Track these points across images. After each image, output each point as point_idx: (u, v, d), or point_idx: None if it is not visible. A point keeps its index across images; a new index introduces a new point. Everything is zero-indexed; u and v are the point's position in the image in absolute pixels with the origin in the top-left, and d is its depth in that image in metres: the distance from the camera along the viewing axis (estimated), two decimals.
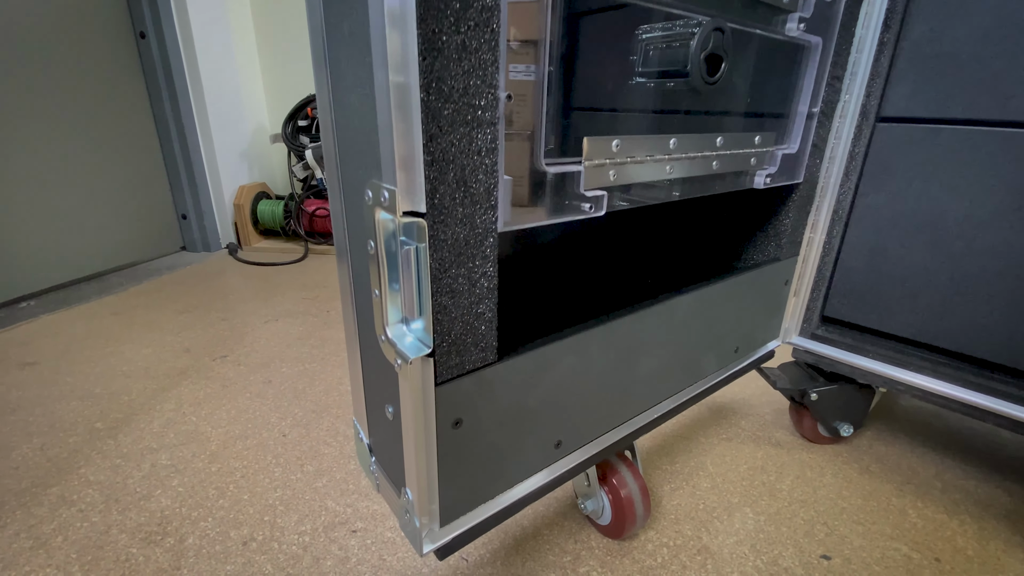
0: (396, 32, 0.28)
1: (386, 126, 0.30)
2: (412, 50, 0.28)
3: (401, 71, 0.29)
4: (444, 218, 0.33)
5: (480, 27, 0.30)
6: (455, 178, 0.33)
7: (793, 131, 0.64)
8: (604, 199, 0.43)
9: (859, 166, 0.71)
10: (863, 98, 0.68)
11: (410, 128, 0.30)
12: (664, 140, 0.47)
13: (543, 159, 0.38)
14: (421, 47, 0.29)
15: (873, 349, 0.75)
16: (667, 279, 0.65)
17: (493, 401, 0.42)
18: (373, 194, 0.34)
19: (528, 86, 0.37)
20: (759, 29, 0.53)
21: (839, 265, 0.76)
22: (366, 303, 0.41)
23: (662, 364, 0.59)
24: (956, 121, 0.64)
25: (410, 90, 0.29)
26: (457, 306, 0.37)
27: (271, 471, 0.77)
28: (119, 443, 0.83)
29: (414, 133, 0.30)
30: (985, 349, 0.67)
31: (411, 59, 0.29)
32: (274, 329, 1.25)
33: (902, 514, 0.72)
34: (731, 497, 0.74)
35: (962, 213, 0.65)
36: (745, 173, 0.59)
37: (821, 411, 0.81)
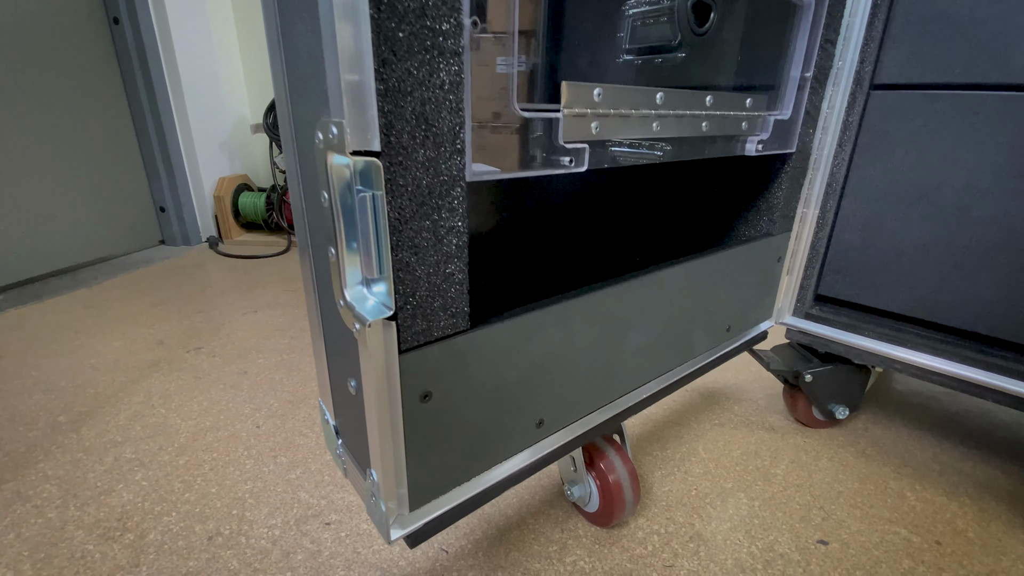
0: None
1: (331, 49, 0.26)
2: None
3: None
4: (402, 160, 0.30)
5: None
6: (414, 113, 0.29)
7: (785, 96, 0.61)
8: (586, 153, 0.40)
9: (853, 136, 0.68)
10: (856, 64, 0.66)
11: (359, 50, 0.26)
12: (650, 93, 0.44)
13: (516, 103, 0.34)
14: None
15: (869, 327, 0.72)
16: (656, 251, 0.62)
17: (466, 373, 0.39)
18: (323, 135, 0.30)
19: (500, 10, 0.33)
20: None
21: (833, 240, 0.74)
22: (324, 267, 0.37)
23: (651, 340, 0.56)
24: (953, 86, 0.61)
25: (358, 6, 0.26)
26: (422, 264, 0.33)
27: (242, 463, 0.73)
28: (81, 437, 0.79)
29: (363, 56, 0.26)
30: (984, 324, 0.64)
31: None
32: (252, 320, 1.21)
33: (900, 497, 0.69)
34: (724, 483, 0.71)
35: (961, 182, 0.62)
36: (736, 138, 0.56)
37: (816, 393, 0.78)
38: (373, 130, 0.28)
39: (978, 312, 0.64)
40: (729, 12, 0.50)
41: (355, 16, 0.26)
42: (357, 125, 0.27)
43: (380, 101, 0.28)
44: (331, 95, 0.28)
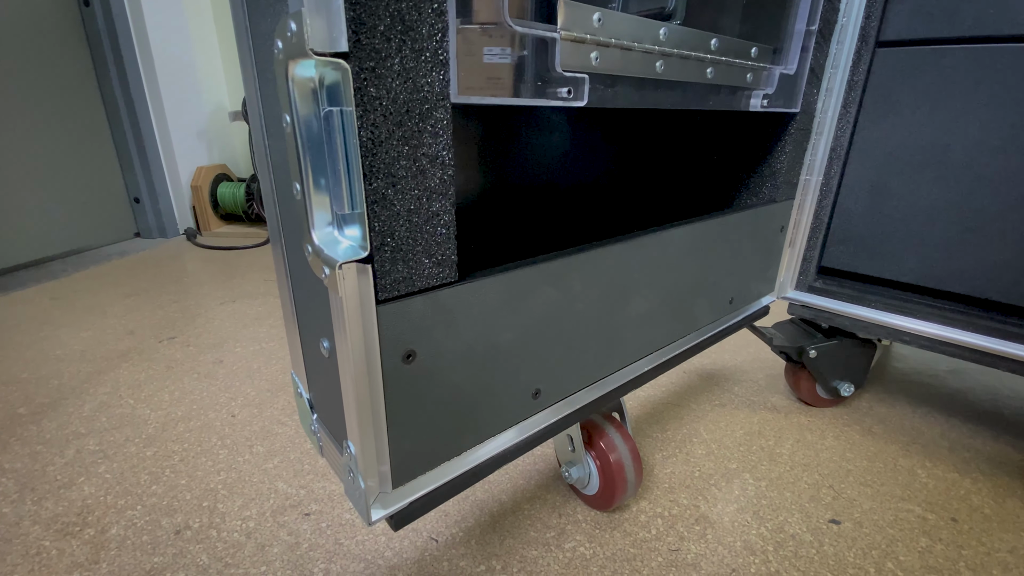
0: None
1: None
2: None
3: None
4: (375, 66, 0.25)
5: None
6: (388, 9, 0.25)
7: (791, 51, 0.58)
8: (585, 85, 0.36)
9: (858, 96, 0.65)
10: (862, 19, 0.62)
11: None
12: (654, 27, 0.40)
13: (507, 15, 0.30)
14: None
15: (875, 298, 0.69)
16: (658, 213, 0.58)
17: (455, 331, 0.35)
18: (282, 42, 0.26)
19: None
20: None
21: (837, 208, 0.70)
22: (291, 210, 0.33)
23: (653, 307, 0.52)
24: (964, 40, 0.58)
25: None
26: (401, 197, 0.29)
27: (215, 453, 0.68)
28: (42, 429, 0.73)
29: None
30: (997, 290, 0.61)
31: None
32: (230, 310, 1.15)
33: (911, 474, 0.66)
34: (729, 463, 0.68)
35: (972, 140, 0.59)
36: (741, 91, 0.52)
37: (821, 369, 0.75)
38: (340, 26, 0.24)
39: (991, 278, 0.61)
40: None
41: None
42: (320, 18, 0.23)
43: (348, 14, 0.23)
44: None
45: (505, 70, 0.31)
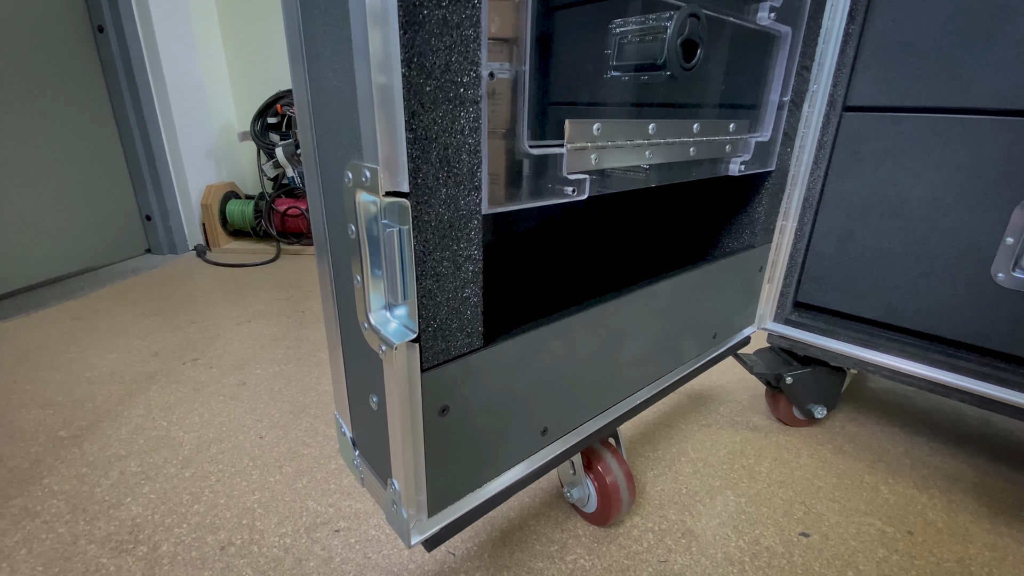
0: (376, 5, 0.27)
1: (367, 104, 0.29)
2: (393, 24, 0.28)
3: (382, 46, 0.28)
4: (428, 199, 0.33)
5: (462, 1, 0.30)
6: (438, 157, 0.32)
7: (765, 119, 0.65)
8: (587, 183, 0.43)
9: (828, 154, 0.73)
10: (830, 88, 0.70)
11: (392, 105, 0.29)
12: (643, 125, 0.47)
13: (526, 141, 0.37)
14: (402, 20, 0.28)
15: (844, 332, 0.77)
16: (647, 266, 0.65)
17: (480, 387, 0.42)
18: (353, 175, 0.33)
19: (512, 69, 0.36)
20: (732, 17, 0.54)
21: (810, 251, 0.78)
22: (347, 292, 0.40)
23: (644, 349, 0.60)
24: (918, 109, 0.66)
25: (392, 66, 0.28)
26: (442, 290, 0.36)
27: (248, 474, 0.75)
28: (84, 451, 0.80)
29: (396, 110, 0.29)
30: (949, 328, 0.69)
31: (392, 33, 0.28)
32: (247, 331, 1.22)
33: (875, 491, 0.74)
34: (712, 481, 0.75)
35: (926, 197, 0.67)
36: (721, 160, 0.60)
37: (796, 394, 0.83)
38: (403, 174, 0.31)
39: (943, 317, 0.69)
40: (714, 46, 0.54)
41: (388, 73, 0.29)
42: (389, 170, 0.30)
43: (409, 148, 0.31)
44: (365, 142, 0.31)
45: (520, 179, 0.39)
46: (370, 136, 0.30)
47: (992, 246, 0.64)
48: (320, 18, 0.32)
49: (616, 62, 0.45)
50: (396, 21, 0.28)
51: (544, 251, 0.81)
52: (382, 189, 0.31)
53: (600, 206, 0.87)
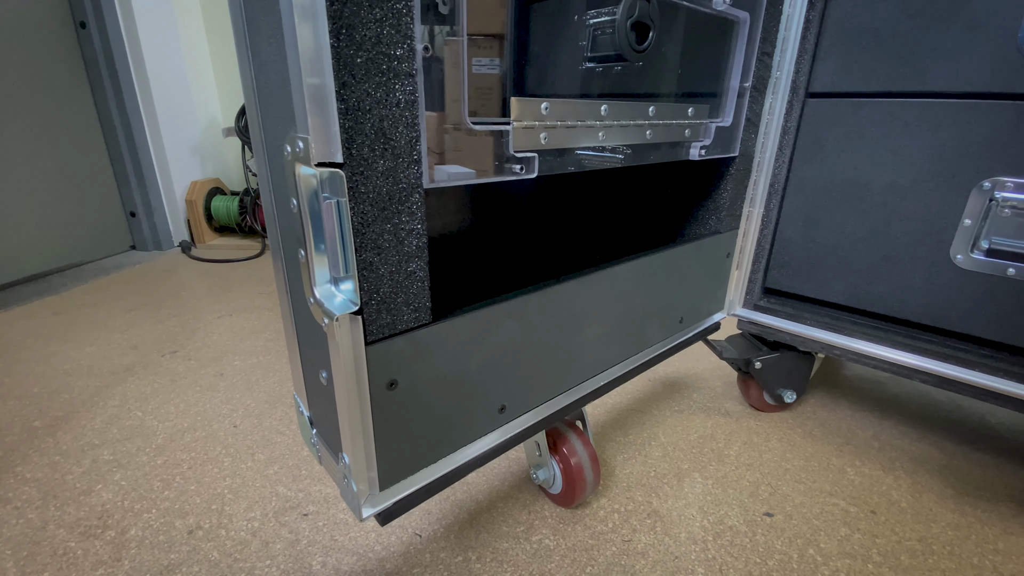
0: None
1: (296, 73, 0.30)
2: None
3: (308, 17, 0.28)
4: (363, 170, 0.33)
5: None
6: (373, 129, 0.33)
7: (726, 105, 0.66)
8: (535, 161, 0.44)
9: (792, 140, 0.74)
10: (793, 74, 0.71)
11: (321, 75, 0.30)
12: (595, 106, 0.48)
13: (467, 117, 0.38)
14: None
15: (811, 317, 0.78)
16: (611, 249, 0.66)
17: (429, 363, 0.43)
18: (291, 148, 0.33)
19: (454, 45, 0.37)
20: (687, 1, 0.55)
21: (777, 237, 0.79)
22: (295, 268, 0.41)
23: (606, 332, 0.60)
24: (877, 94, 0.67)
25: (319, 36, 0.29)
26: (384, 263, 0.37)
27: (220, 461, 0.75)
28: (58, 440, 0.80)
29: (325, 80, 0.30)
30: (911, 311, 0.70)
31: (319, 4, 0.29)
32: (228, 324, 1.22)
33: (841, 472, 0.75)
34: (681, 464, 0.76)
35: (885, 182, 0.68)
36: (680, 144, 0.61)
37: (765, 379, 0.84)
38: (336, 144, 0.31)
39: (905, 300, 0.71)
40: (668, 30, 0.55)
41: (316, 44, 0.29)
42: (321, 140, 0.31)
43: (341, 119, 0.31)
44: (297, 113, 0.31)
45: (468, 155, 0.39)
46: (301, 108, 0.30)
47: (951, 228, 0.65)
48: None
49: (587, 52, 0.46)
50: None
51: (507, 234, 0.82)
52: (314, 159, 0.31)
53: (563, 187, 0.87)
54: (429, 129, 0.37)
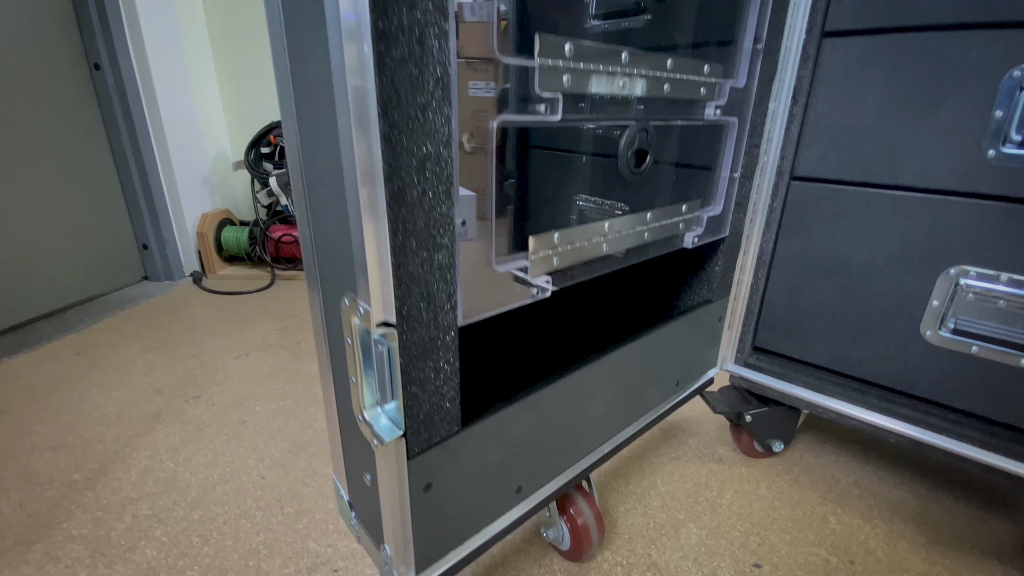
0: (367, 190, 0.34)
1: (360, 259, 0.36)
2: (381, 201, 0.34)
3: (371, 214, 0.35)
4: (412, 324, 0.40)
5: (437, 176, 0.37)
6: (419, 293, 0.39)
7: (717, 195, 0.73)
8: (550, 283, 0.50)
9: (778, 218, 0.80)
10: (778, 160, 0.78)
11: (384, 259, 0.36)
12: (599, 226, 0.54)
13: (495, 261, 0.44)
14: (388, 199, 0.35)
15: (796, 376, 0.85)
16: (612, 329, 0.72)
17: (458, 464, 0.49)
18: (350, 303, 0.40)
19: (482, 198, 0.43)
20: (681, 120, 0.61)
21: (765, 302, 0.86)
22: (343, 382, 0.47)
23: (610, 407, 0.67)
24: (855, 183, 0.74)
25: (379, 227, 0.35)
26: (424, 392, 0.43)
27: (252, 515, 0.81)
28: (98, 495, 0.86)
29: (384, 255, 0.36)
30: (886, 378, 0.77)
31: (380, 206, 0.35)
32: (246, 365, 1.28)
33: (824, 521, 0.82)
34: (678, 514, 0.83)
35: (862, 261, 0.75)
36: (675, 236, 0.67)
37: (755, 430, 0.90)
38: (391, 310, 0.38)
39: (880, 367, 0.77)
40: (663, 142, 0.61)
41: (379, 236, 0.35)
42: (380, 308, 0.37)
43: (396, 290, 0.37)
44: (359, 285, 0.37)
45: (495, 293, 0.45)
46: (364, 283, 0.36)
47: (921, 307, 0.72)
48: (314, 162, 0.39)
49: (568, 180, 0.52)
50: (383, 200, 0.34)
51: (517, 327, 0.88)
52: (374, 322, 0.37)
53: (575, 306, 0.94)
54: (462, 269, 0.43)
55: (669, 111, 0.59)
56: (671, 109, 0.59)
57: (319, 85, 0.35)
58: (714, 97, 0.63)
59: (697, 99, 0.61)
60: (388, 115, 0.33)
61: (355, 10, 0.30)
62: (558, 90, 0.45)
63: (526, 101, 0.45)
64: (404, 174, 0.35)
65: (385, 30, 0.31)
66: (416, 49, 0.33)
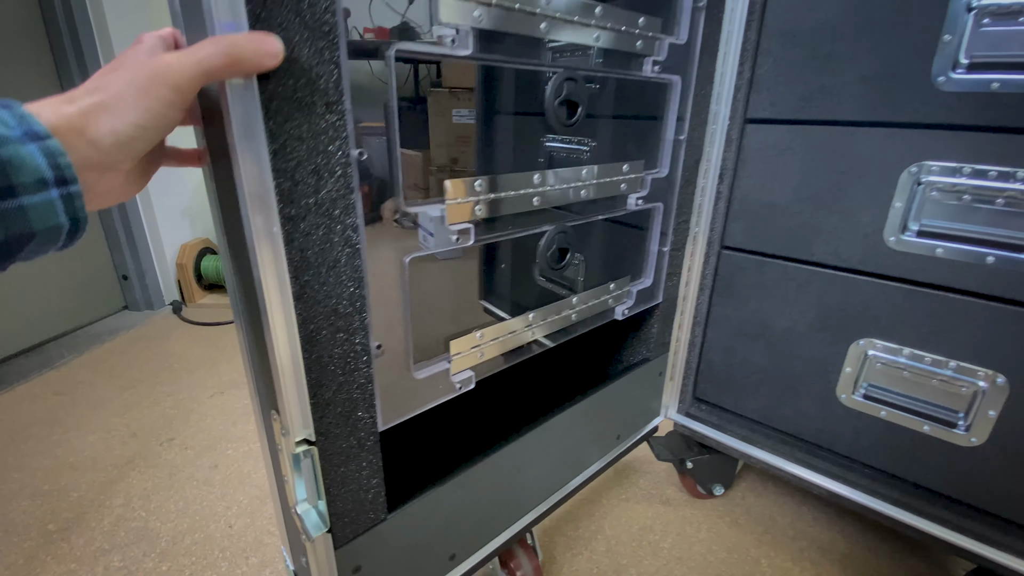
0: (281, 334, 0.39)
1: (279, 385, 0.41)
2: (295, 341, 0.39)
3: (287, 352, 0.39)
4: (331, 438, 0.44)
5: (348, 323, 0.42)
6: (336, 412, 0.44)
7: (647, 268, 0.78)
8: (472, 378, 0.55)
9: (710, 283, 0.86)
10: (708, 231, 0.83)
11: (301, 386, 0.41)
12: (523, 318, 0.60)
13: (413, 369, 0.49)
14: (302, 342, 0.40)
15: (731, 427, 0.90)
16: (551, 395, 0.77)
17: (386, 546, 0.54)
18: (276, 418, 0.44)
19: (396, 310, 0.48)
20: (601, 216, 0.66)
21: (703, 358, 0.91)
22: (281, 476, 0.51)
23: (547, 469, 0.72)
24: (776, 256, 0.79)
25: (296, 362, 0.40)
26: (348, 490, 0.48)
27: (218, 566, 0.86)
28: (72, 545, 0.90)
29: (303, 389, 0.41)
30: (808, 434, 0.83)
31: (295, 346, 0.40)
32: (220, 404, 1.32)
33: (756, 564, 0.87)
34: (621, 559, 0.88)
35: (785, 327, 0.81)
36: (606, 311, 0.73)
37: (697, 476, 0.96)
38: (310, 429, 0.43)
39: (803, 424, 0.83)
40: (584, 238, 0.66)
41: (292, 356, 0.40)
42: (300, 427, 0.42)
43: (313, 411, 0.42)
44: (279, 405, 0.42)
45: (414, 396, 0.50)
46: (283, 405, 0.41)
47: (837, 371, 0.77)
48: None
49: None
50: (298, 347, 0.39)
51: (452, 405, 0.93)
52: (294, 439, 0.42)
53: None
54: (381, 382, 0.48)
55: (590, 209, 0.64)
56: (591, 207, 0.64)
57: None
58: (636, 189, 0.68)
59: (618, 194, 0.66)
60: (298, 278, 0.38)
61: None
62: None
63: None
64: (320, 320, 0.40)
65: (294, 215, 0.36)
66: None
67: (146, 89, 0.30)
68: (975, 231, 0.64)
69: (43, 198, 0.27)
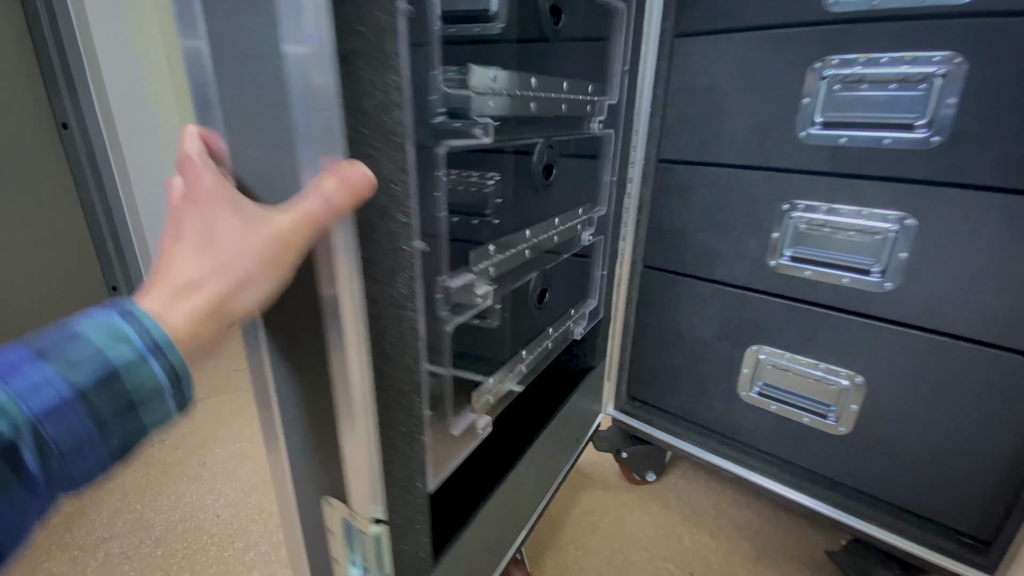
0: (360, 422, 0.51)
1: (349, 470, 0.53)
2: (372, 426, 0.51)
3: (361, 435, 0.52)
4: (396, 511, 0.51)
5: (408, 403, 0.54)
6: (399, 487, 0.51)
7: (593, 291, 0.91)
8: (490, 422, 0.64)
9: (636, 296, 1.00)
10: (632, 252, 0.97)
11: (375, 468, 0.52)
12: (519, 358, 0.72)
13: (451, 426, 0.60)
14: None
15: (658, 421, 1.04)
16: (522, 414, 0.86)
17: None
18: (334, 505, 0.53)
19: None
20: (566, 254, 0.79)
21: (633, 360, 1.05)
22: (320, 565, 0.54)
23: (535, 485, 0.83)
24: (685, 275, 0.93)
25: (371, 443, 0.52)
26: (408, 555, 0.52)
27: (207, 550, 0.97)
28: (74, 536, 1.01)
29: (376, 471, 0.52)
30: (719, 427, 0.97)
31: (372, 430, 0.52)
32: (207, 408, 1.43)
33: (679, 539, 1.01)
34: (562, 537, 1.01)
35: (696, 335, 0.94)
36: (569, 333, 0.85)
37: (631, 464, 1.10)
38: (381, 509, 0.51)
39: (714, 418, 0.97)
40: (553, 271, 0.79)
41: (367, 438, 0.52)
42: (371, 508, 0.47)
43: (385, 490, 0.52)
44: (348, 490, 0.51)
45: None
46: (353, 488, 0.50)
47: (737, 373, 0.91)
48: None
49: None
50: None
51: None
52: (365, 519, 0.51)
53: None
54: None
55: (558, 249, 0.76)
56: (559, 247, 0.76)
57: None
58: (587, 227, 0.81)
59: (575, 234, 0.79)
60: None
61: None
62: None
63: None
64: (390, 402, 0.49)
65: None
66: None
67: (277, 260, 0.30)
68: (833, 257, 0.78)
69: (159, 403, 0.28)
